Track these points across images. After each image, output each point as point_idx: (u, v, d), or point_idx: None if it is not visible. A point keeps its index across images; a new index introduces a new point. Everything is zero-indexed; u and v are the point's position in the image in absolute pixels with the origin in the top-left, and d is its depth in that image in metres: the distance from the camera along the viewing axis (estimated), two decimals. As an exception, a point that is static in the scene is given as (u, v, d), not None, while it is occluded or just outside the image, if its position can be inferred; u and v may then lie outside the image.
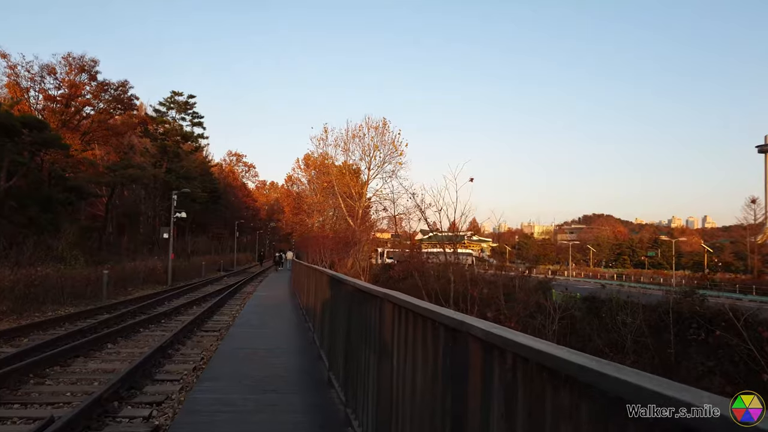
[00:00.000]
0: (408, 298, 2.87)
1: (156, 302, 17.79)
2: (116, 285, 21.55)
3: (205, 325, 13.03)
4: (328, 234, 29.91)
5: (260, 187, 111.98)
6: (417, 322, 2.51)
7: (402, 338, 2.80)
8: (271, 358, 8.02)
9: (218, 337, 11.12)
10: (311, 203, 48.06)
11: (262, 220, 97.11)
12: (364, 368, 3.97)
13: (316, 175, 47.15)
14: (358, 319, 4.51)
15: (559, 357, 1.18)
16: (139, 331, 11.63)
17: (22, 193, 26.53)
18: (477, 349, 1.68)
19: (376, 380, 3.48)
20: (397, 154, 38.65)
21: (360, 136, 38.60)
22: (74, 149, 36.14)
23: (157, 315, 14.12)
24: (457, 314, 1.97)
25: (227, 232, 67.40)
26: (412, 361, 2.55)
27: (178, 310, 15.88)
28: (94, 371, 7.80)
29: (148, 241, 44.37)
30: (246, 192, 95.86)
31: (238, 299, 20.58)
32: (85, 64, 37.05)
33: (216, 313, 15.87)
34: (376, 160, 38.95)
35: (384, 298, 3.34)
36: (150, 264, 25.98)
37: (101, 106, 38.12)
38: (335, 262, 27.21)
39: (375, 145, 39.61)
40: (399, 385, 2.80)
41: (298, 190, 57.64)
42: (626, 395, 0.94)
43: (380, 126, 38.32)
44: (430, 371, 2.22)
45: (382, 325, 3.36)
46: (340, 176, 40.06)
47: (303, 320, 12.61)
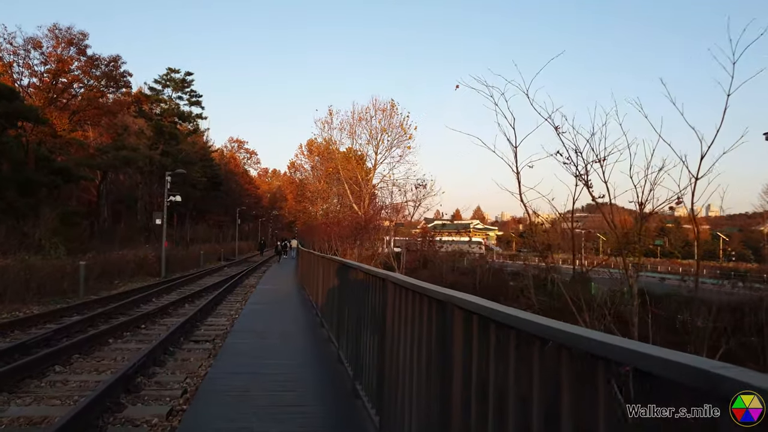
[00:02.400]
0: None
1: (142, 299, 15.14)
2: (101, 278, 18.92)
3: (196, 332, 10.36)
4: (339, 220, 27.30)
5: (262, 175, 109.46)
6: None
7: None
8: (281, 393, 5.34)
9: (210, 353, 8.44)
10: (315, 190, 46.21)
11: (265, 208, 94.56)
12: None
13: (320, 161, 45.25)
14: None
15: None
16: (107, 343, 8.95)
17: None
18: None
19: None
20: (406, 137, 36.67)
21: (367, 118, 36.89)
22: (62, 129, 33.46)
23: (140, 317, 11.46)
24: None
25: (229, 220, 64.81)
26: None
27: (166, 309, 13.22)
28: (8, 425, 5.09)
29: (145, 228, 41.76)
30: (248, 179, 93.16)
31: (238, 294, 17.93)
32: (74, 37, 34.12)
33: (212, 313, 13.20)
34: (384, 143, 36.94)
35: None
36: (140, 253, 23.30)
37: (91, 83, 35.25)
38: (344, 251, 25.08)
39: (383, 127, 37.68)
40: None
41: (302, 177, 55.54)
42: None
43: (388, 108, 36.57)
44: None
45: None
46: (345, 161, 37.99)
47: (317, 322, 9.96)
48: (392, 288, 3.62)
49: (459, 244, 52.03)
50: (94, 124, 37.53)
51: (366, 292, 4.93)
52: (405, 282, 3.27)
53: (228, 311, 13.52)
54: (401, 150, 37.03)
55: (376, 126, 37.12)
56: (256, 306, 13.29)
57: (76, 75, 34.56)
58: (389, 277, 3.83)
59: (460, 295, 2.29)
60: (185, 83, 39.69)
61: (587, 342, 1.25)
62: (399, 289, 3.38)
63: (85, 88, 35.18)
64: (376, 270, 4.82)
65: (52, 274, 15.04)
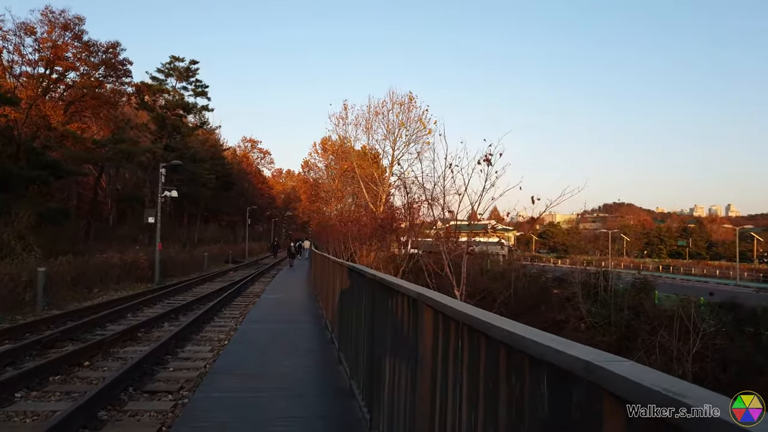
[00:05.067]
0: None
1: (115, 314, 12.08)
2: (77, 286, 15.96)
3: (159, 375, 7.19)
4: (357, 218, 24.24)
5: (276, 176, 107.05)
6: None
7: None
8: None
9: (163, 423, 5.25)
10: (329, 190, 43.82)
11: (278, 208, 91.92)
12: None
13: (335, 159, 42.93)
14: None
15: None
16: (10, 401, 5.81)
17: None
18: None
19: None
20: (425, 132, 34.01)
21: (383, 112, 34.07)
22: (56, 121, 30.76)
23: (92, 345, 8.35)
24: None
25: (241, 221, 62.07)
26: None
27: (135, 332, 10.10)
28: None
29: (148, 228, 39.06)
30: (261, 179, 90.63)
31: (237, 306, 14.80)
32: (69, 22, 31.47)
33: (193, 338, 10.03)
34: (402, 138, 34.35)
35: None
36: (128, 256, 20.29)
37: (88, 71, 32.52)
38: (361, 253, 22.17)
39: (401, 121, 35.01)
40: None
41: (315, 176, 53.12)
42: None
43: (406, 101, 33.69)
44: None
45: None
46: (360, 159, 35.56)
47: (335, 357, 6.81)
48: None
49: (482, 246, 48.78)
50: (93, 116, 34.83)
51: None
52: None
53: (216, 334, 10.35)
54: (419, 146, 34.74)
55: (394, 120, 34.56)
56: (255, 326, 10.16)
57: (72, 62, 31.86)
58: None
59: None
60: (190, 72, 36.76)
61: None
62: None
63: (82, 77, 32.46)
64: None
65: (4, 282, 12.03)
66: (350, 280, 6.05)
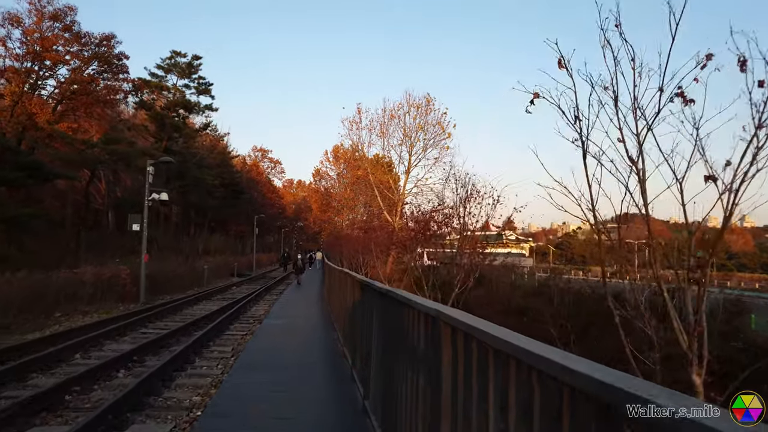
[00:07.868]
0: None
1: (58, 354, 8.72)
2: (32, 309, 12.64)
3: None
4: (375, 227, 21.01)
5: (287, 186, 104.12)
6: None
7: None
8: None
9: None
10: (341, 199, 41.10)
11: (289, 219, 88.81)
12: None
13: (346, 167, 39.99)
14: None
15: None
16: None
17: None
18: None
19: None
20: (444, 136, 31.26)
21: (399, 116, 31.33)
22: (43, 120, 27.83)
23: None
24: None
25: (250, 231, 58.88)
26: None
27: (66, 389, 6.70)
28: None
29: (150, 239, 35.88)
30: (271, 188, 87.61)
31: (230, 339, 11.33)
32: (59, 11, 28.66)
33: (148, 406, 6.59)
34: (420, 142, 31.60)
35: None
36: (106, 271, 16.93)
37: (79, 65, 29.61)
38: (374, 264, 19.24)
39: (419, 125, 32.10)
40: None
41: (327, 186, 50.07)
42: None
43: (423, 104, 31.10)
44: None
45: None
46: (373, 167, 32.78)
47: (359, 407, 3.38)
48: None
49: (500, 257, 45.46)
50: (86, 115, 31.84)
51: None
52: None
53: (189, 394, 6.90)
54: (438, 151, 31.83)
55: (410, 124, 31.61)
56: (250, 377, 6.72)
57: (61, 55, 28.98)
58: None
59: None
60: (192, 68, 33.71)
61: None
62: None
63: (73, 72, 29.55)
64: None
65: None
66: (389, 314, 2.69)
